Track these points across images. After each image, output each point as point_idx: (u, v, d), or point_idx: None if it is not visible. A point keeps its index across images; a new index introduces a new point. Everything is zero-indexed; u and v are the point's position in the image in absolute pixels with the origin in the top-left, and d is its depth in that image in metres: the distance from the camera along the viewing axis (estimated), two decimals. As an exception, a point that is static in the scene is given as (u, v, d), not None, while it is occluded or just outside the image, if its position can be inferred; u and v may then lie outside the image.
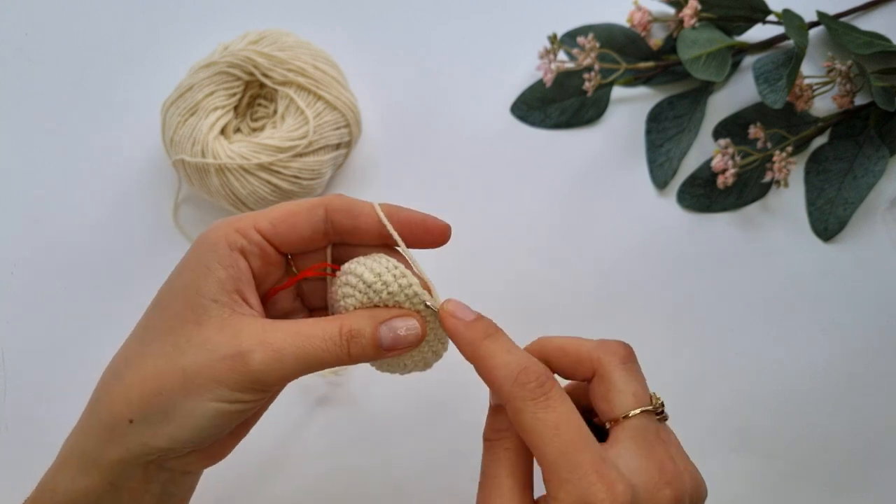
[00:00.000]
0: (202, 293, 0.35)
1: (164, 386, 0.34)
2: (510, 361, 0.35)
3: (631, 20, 0.63)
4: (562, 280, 0.60)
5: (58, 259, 0.62)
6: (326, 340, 0.35)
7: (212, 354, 0.34)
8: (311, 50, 0.59)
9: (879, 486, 0.56)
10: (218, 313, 0.35)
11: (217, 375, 0.34)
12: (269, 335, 0.35)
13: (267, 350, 0.34)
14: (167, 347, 0.35)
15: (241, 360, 0.34)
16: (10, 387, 0.59)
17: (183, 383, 0.34)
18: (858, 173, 0.60)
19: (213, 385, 0.34)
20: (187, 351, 0.34)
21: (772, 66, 0.58)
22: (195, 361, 0.34)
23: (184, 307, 0.35)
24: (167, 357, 0.35)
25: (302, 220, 0.37)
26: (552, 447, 0.33)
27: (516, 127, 0.64)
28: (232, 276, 0.36)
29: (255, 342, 0.34)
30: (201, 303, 0.35)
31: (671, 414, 0.58)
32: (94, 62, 0.66)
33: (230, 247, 0.36)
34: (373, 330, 0.36)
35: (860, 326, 0.58)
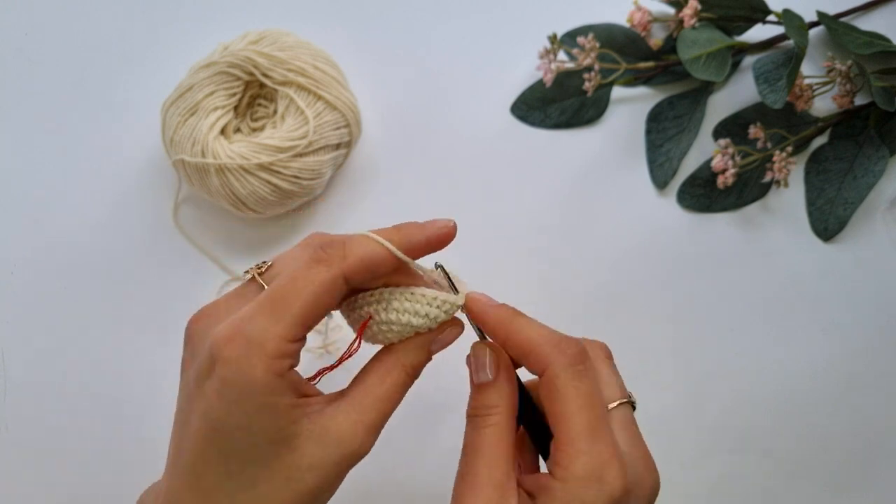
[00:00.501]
0: (283, 427, 0.35)
1: None
2: (546, 332, 0.37)
3: (631, 20, 0.63)
4: (562, 280, 0.60)
5: (58, 259, 0.62)
6: (401, 388, 0.38)
7: (328, 468, 0.35)
8: (311, 50, 0.59)
9: (879, 486, 0.56)
10: (304, 428, 0.35)
11: (337, 479, 0.36)
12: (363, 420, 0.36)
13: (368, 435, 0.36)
14: (280, 482, 0.35)
15: (354, 457, 0.36)
16: (10, 387, 0.59)
17: (311, 502, 0.36)
18: (858, 173, 0.60)
19: (335, 485, 0.36)
20: (303, 477, 0.35)
21: (772, 66, 0.58)
22: (316, 482, 0.35)
23: (271, 447, 0.35)
24: (287, 489, 0.35)
25: (329, 305, 0.36)
26: (580, 418, 0.34)
27: (516, 127, 0.64)
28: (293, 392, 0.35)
29: (360, 438, 0.36)
30: (286, 434, 0.35)
31: (672, 414, 0.58)
32: (94, 62, 0.66)
33: (279, 375, 0.34)
34: (428, 355, 0.39)
35: (860, 326, 0.58)
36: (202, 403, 0.34)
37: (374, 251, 0.36)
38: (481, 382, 0.38)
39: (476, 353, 0.39)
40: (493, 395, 0.37)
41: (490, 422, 0.37)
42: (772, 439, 0.57)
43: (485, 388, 0.38)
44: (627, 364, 0.58)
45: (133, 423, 0.58)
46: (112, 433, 0.58)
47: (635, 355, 0.59)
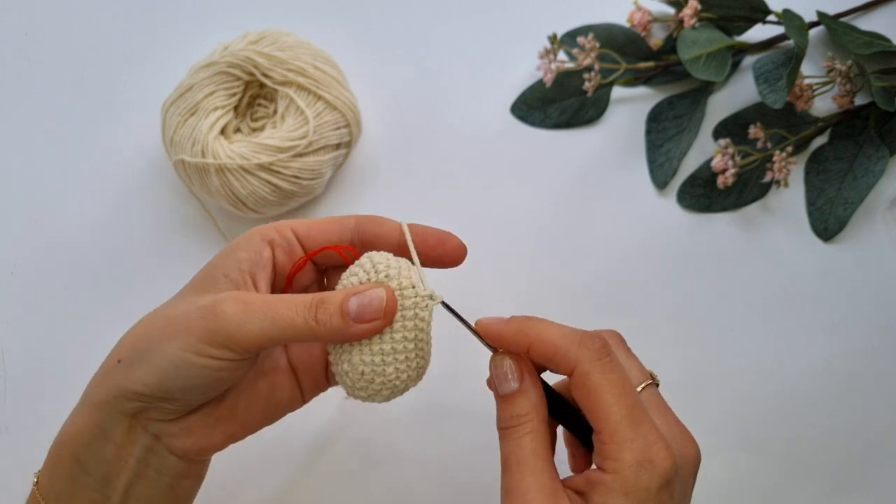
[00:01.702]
0: (218, 268, 0.38)
1: (148, 330, 0.37)
2: (566, 331, 0.37)
3: (631, 20, 0.63)
4: (562, 280, 0.60)
5: (58, 259, 0.61)
6: (297, 304, 0.36)
7: (192, 305, 0.36)
8: (311, 50, 0.59)
9: (879, 486, 0.56)
10: (223, 285, 0.38)
11: (190, 323, 0.35)
12: (245, 294, 0.36)
13: (237, 303, 0.35)
14: (186, 299, 0.38)
15: (212, 309, 0.35)
16: (10, 387, 0.59)
17: (162, 329, 0.36)
18: (858, 173, 0.60)
19: (185, 333, 0.35)
20: (178, 305, 0.38)
21: (772, 66, 0.58)
22: (177, 311, 0.37)
23: (201, 279, 0.39)
24: (162, 309, 0.38)
25: (334, 227, 0.40)
26: (618, 408, 0.35)
27: (516, 127, 0.64)
28: (250, 259, 0.38)
29: (230, 297, 0.36)
30: (214, 275, 0.38)
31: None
32: (94, 62, 0.66)
33: (261, 237, 0.39)
34: (342, 298, 0.36)
35: (860, 326, 0.58)
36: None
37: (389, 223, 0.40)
38: (507, 393, 0.38)
39: (496, 364, 0.38)
40: (522, 403, 0.37)
41: (525, 430, 0.37)
42: (772, 439, 0.57)
43: (512, 398, 0.37)
44: (627, 364, 0.58)
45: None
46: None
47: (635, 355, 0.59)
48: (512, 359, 0.38)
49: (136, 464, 0.38)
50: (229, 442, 0.40)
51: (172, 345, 0.35)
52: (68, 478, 0.38)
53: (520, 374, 0.38)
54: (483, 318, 0.39)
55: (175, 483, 0.40)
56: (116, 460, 0.38)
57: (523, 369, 0.38)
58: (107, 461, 0.38)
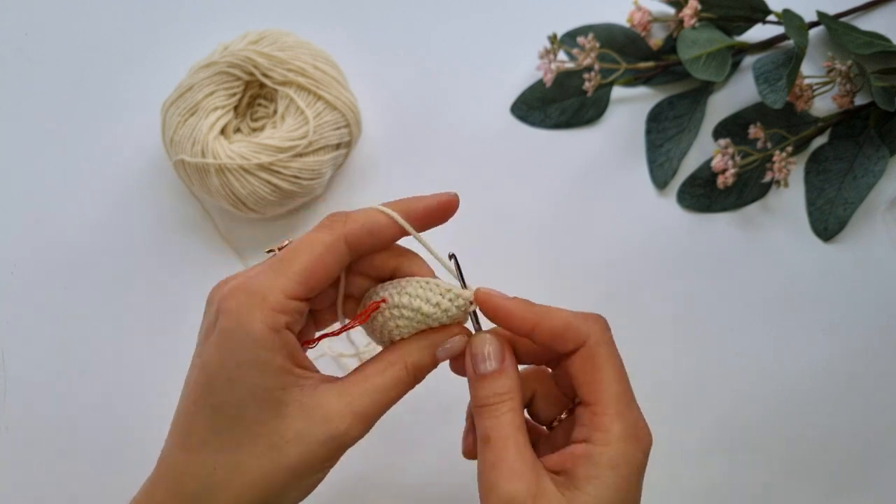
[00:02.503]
0: (272, 388, 0.35)
1: (276, 485, 0.36)
2: (570, 311, 0.38)
3: (631, 20, 0.63)
4: (562, 279, 0.60)
5: (58, 259, 0.61)
6: (399, 385, 0.38)
7: (312, 444, 0.35)
8: (311, 50, 0.59)
9: (879, 486, 0.56)
10: (294, 398, 0.36)
11: (321, 459, 0.36)
12: (354, 405, 0.36)
13: (359, 422, 0.36)
14: (262, 448, 0.35)
15: (341, 440, 0.36)
16: (10, 387, 0.59)
17: (293, 478, 0.36)
18: (858, 173, 0.60)
19: (318, 467, 0.36)
20: (287, 449, 0.35)
21: (772, 66, 0.58)
22: (299, 458, 0.35)
23: (260, 408, 0.35)
24: (269, 459, 0.35)
25: (329, 263, 0.37)
26: (618, 384, 0.37)
27: (516, 127, 0.64)
28: (288, 355, 0.36)
29: (347, 420, 0.36)
30: (275, 397, 0.35)
31: (672, 414, 0.58)
32: (94, 62, 0.66)
33: (276, 331, 0.35)
34: (432, 358, 0.39)
35: (860, 326, 0.58)
36: (203, 357, 0.36)
37: (375, 217, 0.38)
38: (486, 372, 0.38)
39: (477, 344, 0.39)
40: (504, 382, 0.38)
41: (507, 407, 0.37)
42: (772, 439, 0.57)
43: (493, 377, 0.38)
44: (627, 364, 0.58)
45: (133, 422, 0.58)
46: (112, 433, 0.58)
47: (635, 355, 0.59)
48: (495, 339, 0.39)
49: None
50: None
51: (307, 481, 0.37)
52: None
53: (501, 353, 0.38)
54: (485, 288, 0.39)
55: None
56: None
57: (505, 349, 0.39)
58: None
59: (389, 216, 0.38)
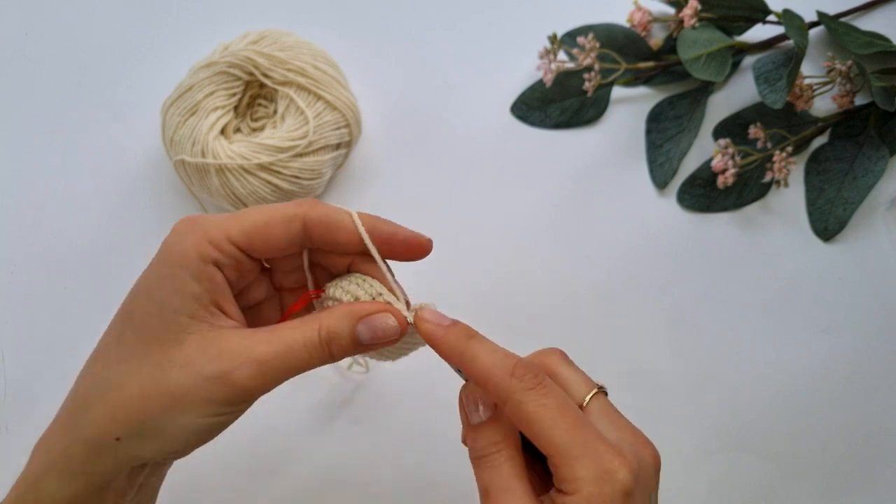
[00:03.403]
0: (179, 310, 0.35)
1: (151, 407, 0.35)
2: (499, 359, 0.36)
3: (631, 20, 0.63)
4: (561, 280, 0.60)
5: (58, 259, 0.61)
6: (308, 346, 0.36)
7: (198, 376, 0.34)
8: (311, 50, 0.59)
9: (879, 486, 0.56)
10: (197, 329, 0.35)
11: (204, 395, 0.34)
12: (252, 350, 0.35)
13: (251, 366, 0.35)
14: (148, 367, 0.35)
15: (227, 378, 0.34)
16: (9, 387, 0.59)
17: (170, 404, 0.35)
18: (858, 173, 0.60)
19: (201, 404, 0.35)
20: (171, 372, 0.35)
21: (772, 66, 0.58)
22: (181, 383, 0.34)
23: (161, 326, 0.35)
24: (151, 378, 0.35)
25: (278, 232, 0.37)
26: (561, 429, 0.34)
27: (516, 127, 0.64)
28: (208, 289, 0.36)
29: (239, 360, 0.35)
30: (179, 321, 0.35)
31: (671, 414, 0.58)
32: (94, 62, 0.66)
33: (203, 259, 0.35)
34: (350, 329, 0.36)
35: (860, 326, 0.58)
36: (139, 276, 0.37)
37: (340, 216, 0.37)
38: (478, 423, 0.37)
39: (466, 395, 0.38)
40: (496, 431, 0.37)
41: (503, 457, 0.36)
42: (771, 439, 0.57)
43: (485, 427, 0.37)
44: (627, 364, 0.58)
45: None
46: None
47: (635, 355, 0.59)
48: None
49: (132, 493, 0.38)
50: None
51: (188, 416, 0.35)
52: None
53: (491, 402, 0.37)
54: (425, 311, 0.37)
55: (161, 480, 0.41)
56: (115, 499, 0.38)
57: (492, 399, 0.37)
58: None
59: (353, 222, 0.37)
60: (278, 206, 0.37)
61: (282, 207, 0.37)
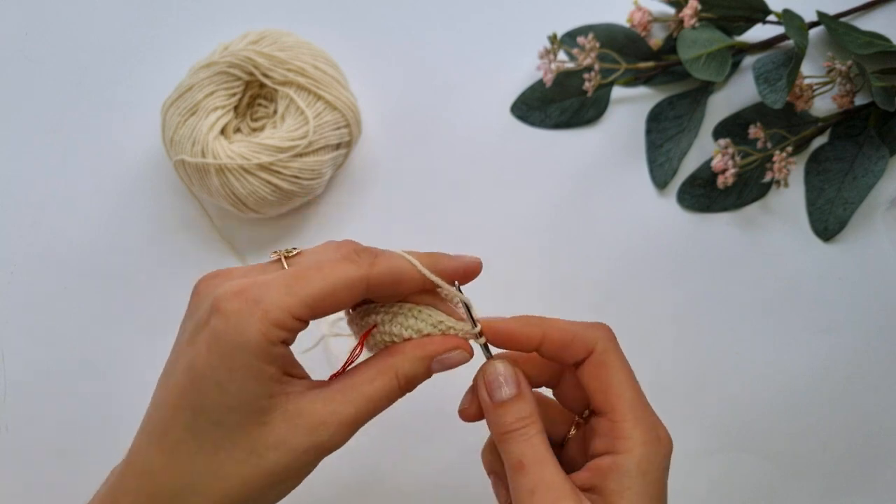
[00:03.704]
0: (259, 395, 0.34)
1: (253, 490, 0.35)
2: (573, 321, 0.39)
3: (631, 20, 0.63)
4: (561, 280, 0.60)
5: (58, 259, 0.62)
6: (390, 396, 0.37)
7: (295, 452, 0.35)
8: (311, 50, 0.59)
9: (879, 486, 0.56)
10: (279, 405, 0.35)
11: (303, 466, 0.36)
12: (339, 414, 0.35)
13: (343, 431, 0.36)
14: (243, 455, 0.35)
15: (323, 447, 0.35)
16: (10, 387, 0.59)
17: (273, 482, 0.35)
18: (858, 173, 0.60)
19: (301, 474, 0.36)
20: (268, 455, 0.35)
21: (772, 66, 0.58)
22: (280, 462, 0.35)
23: (244, 415, 0.34)
24: (250, 465, 0.35)
25: (343, 297, 0.36)
26: (631, 389, 0.37)
27: (516, 127, 0.64)
28: (280, 366, 0.35)
29: (331, 429, 0.35)
30: (260, 405, 0.34)
31: (672, 414, 0.58)
32: (94, 62, 0.66)
33: (272, 343, 0.34)
34: (426, 370, 0.38)
35: (860, 326, 0.58)
36: (190, 356, 0.35)
37: (402, 266, 0.37)
38: (504, 399, 0.38)
39: (490, 371, 0.38)
40: (524, 406, 0.37)
41: (534, 430, 0.37)
42: (772, 439, 0.57)
43: (513, 403, 0.38)
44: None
45: (133, 422, 0.58)
46: (112, 433, 0.58)
47: (635, 355, 0.59)
48: (507, 364, 0.38)
49: None
50: None
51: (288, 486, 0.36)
52: None
53: (516, 378, 0.38)
54: (489, 321, 0.39)
55: None
56: None
57: (519, 374, 0.38)
58: None
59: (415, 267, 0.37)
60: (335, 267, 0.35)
61: (340, 270, 0.35)
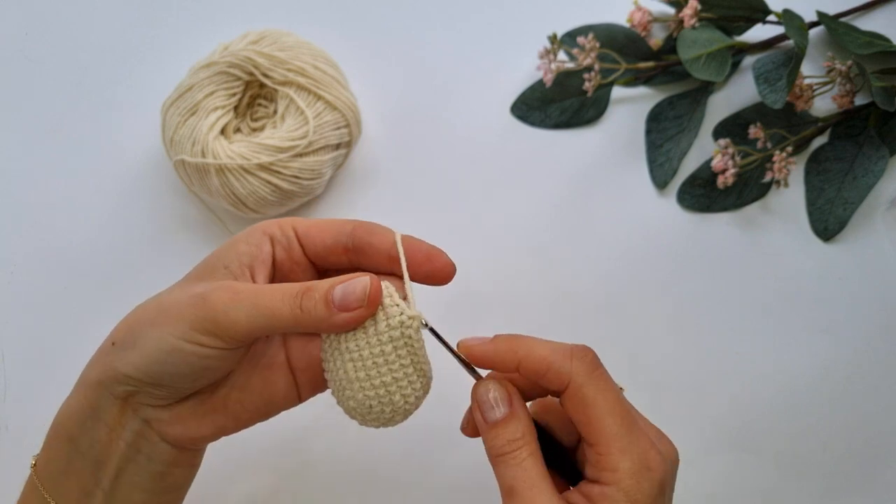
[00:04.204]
0: (219, 259, 0.39)
1: (142, 316, 0.38)
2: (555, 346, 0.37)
3: (631, 20, 0.63)
4: (561, 280, 0.60)
5: (58, 259, 0.62)
6: (284, 293, 0.37)
7: (184, 293, 0.37)
8: (311, 50, 0.59)
9: (879, 486, 0.56)
10: (221, 276, 0.38)
11: (181, 311, 0.36)
12: (234, 283, 0.37)
13: (227, 291, 0.36)
14: (167, 293, 0.39)
15: (203, 297, 0.36)
16: (10, 387, 0.59)
17: (155, 315, 0.37)
18: (858, 173, 0.60)
19: (176, 320, 0.36)
20: (173, 292, 0.38)
21: (772, 66, 0.58)
22: (171, 298, 0.38)
23: (200, 269, 0.39)
24: (158, 296, 0.39)
25: (331, 229, 0.40)
26: (613, 419, 0.36)
27: (516, 127, 0.64)
28: (250, 252, 0.39)
29: (221, 286, 0.37)
30: (214, 266, 0.39)
31: (672, 414, 0.58)
32: (94, 62, 0.66)
33: (262, 232, 0.40)
34: (328, 286, 0.37)
35: (860, 326, 0.58)
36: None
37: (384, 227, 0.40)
38: (496, 420, 0.37)
39: (481, 392, 0.38)
40: (516, 427, 0.37)
41: (525, 453, 0.36)
42: (772, 439, 0.57)
43: (503, 424, 0.37)
44: (627, 364, 0.58)
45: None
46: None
47: (635, 355, 0.59)
48: (498, 384, 0.38)
49: (126, 447, 0.38)
50: (220, 434, 0.40)
51: (162, 330, 0.36)
52: (63, 459, 0.39)
53: (508, 397, 0.38)
54: (465, 339, 0.38)
55: (166, 470, 0.40)
56: (108, 442, 0.38)
57: (510, 393, 0.38)
58: (98, 442, 0.38)
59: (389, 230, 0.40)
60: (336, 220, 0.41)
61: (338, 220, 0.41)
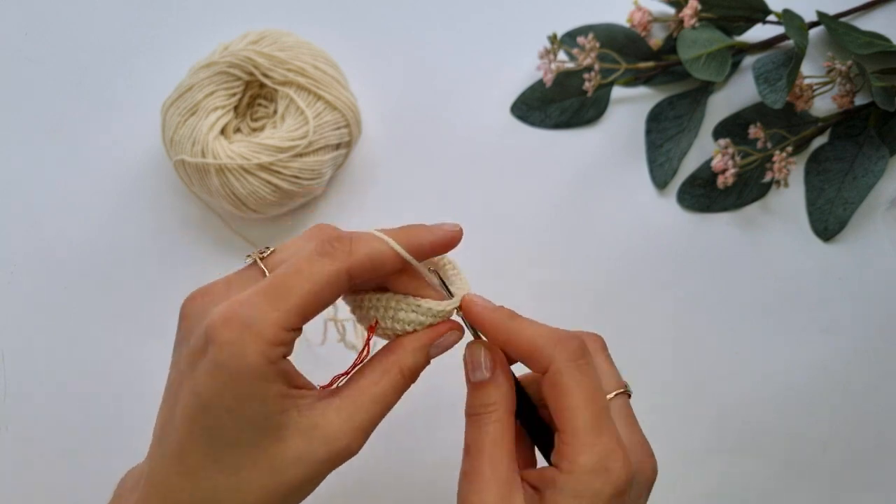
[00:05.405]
0: (270, 414, 0.34)
1: (276, 502, 0.35)
2: (545, 331, 0.37)
3: (631, 20, 0.63)
4: (561, 280, 0.60)
5: (58, 259, 0.62)
6: (397, 391, 0.37)
7: (314, 464, 0.35)
8: (311, 50, 0.59)
9: (879, 486, 0.56)
10: (291, 421, 0.35)
11: (322, 475, 0.36)
12: (354, 421, 0.36)
13: (358, 435, 0.36)
14: (263, 473, 0.35)
15: (341, 457, 0.36)
16: (10, 387, 0.59)
17: (292, 494, 0.35)
18: (858, 173, 0.60)
19: (319, 481, 0.36)
20: (289, 472, 0.35)
21: (772, 66, 0.58)
22: (301, 475, 0.35)
23: (259, 435, 0.35)
24: (272, 480, 0.35)
25: (327, 295, 0.35)
26: (584, 412, 0.35)
27: (516, 127, 0.64)
28: (286, 381, 0.35)
29: (348, 438, 0.36)
30: (274, 423, 0.35)
31: (671, 414, 0.58)
32: (94, 62, 0.66)
33: (273, 363, 0.34)
34: (426, 358, 0.39)
35: (860, 326, 0.58)
36: (192, 383, 0.34)
37: (380, 249, 0.36)
38: (478, 381, 0.38)
39: (472, 352, 0.39)
40: (491, 393, 0.38)
41: (491, 419, 0.37)
42: (772, 439, 0.57)
43: (482, 387, 0.38)
44: (627, 364, 0.58)
45: (134, 422, 0.58)
46: (112, 433, 0.58)
47: (635, 355, 0.59)
48: (486, 348, 0.39)
49: None
50: None
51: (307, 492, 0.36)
52: None
53: (492, 364, 0.38)
54: (474, 296, 0.39)
55: None
56: None
57: (496, 360, 0.39)
58: None
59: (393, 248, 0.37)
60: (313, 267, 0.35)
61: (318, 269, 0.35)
